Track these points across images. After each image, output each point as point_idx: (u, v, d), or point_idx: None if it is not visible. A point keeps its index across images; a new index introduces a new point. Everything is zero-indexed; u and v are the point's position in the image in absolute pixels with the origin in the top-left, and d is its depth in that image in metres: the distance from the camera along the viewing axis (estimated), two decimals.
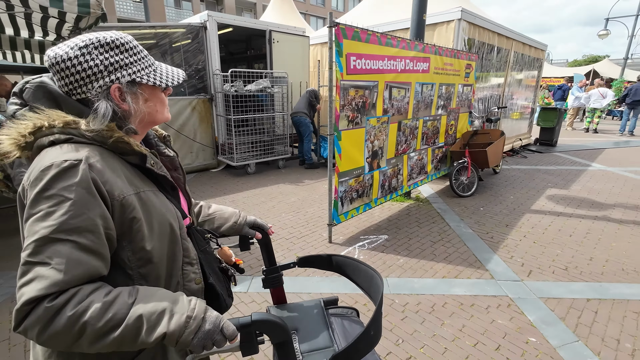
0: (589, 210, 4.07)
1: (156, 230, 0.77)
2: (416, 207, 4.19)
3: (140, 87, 0.79)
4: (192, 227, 0.94)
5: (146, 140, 0.94)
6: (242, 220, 1.13)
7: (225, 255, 1.17)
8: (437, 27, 5.06)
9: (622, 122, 11.02)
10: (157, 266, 0.78)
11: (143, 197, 0.76)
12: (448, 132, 4.85)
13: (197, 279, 0.87)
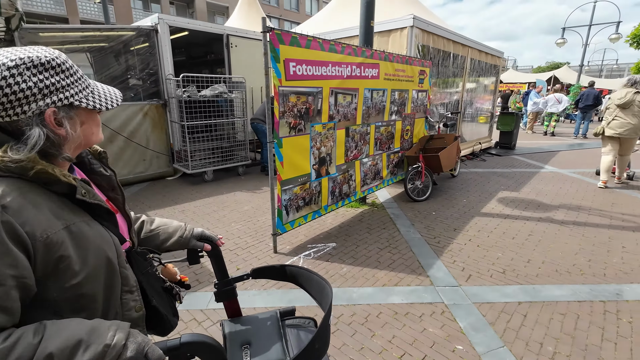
0: (534, 212, 4.21)
1: (90, 264, 0.71)
2: (370, 212, 4.18)
3: (78, 111, 0.74)
4: (132, 251, 0.89)
5: (78, 159, 0.86)
6: (189, 233, 1.08)
7: (170, 274, 1.13)
8: (392, 33, 5.12)
9: (576, 126, 11.65)
10: (91, 301, 0.73)
11: (74, 231, 0.70)
12: (404, 137, 4.90)
13: (138, 306, 0.84)
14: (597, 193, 5.02)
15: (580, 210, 4.25)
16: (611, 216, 4.07)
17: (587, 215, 4.10)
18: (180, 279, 1.16)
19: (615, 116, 5.11)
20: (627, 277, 2.74)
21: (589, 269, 2.86)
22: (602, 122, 5.32)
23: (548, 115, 11.91)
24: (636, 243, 3.34)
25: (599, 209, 4.31)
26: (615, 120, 5.12)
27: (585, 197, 4.79)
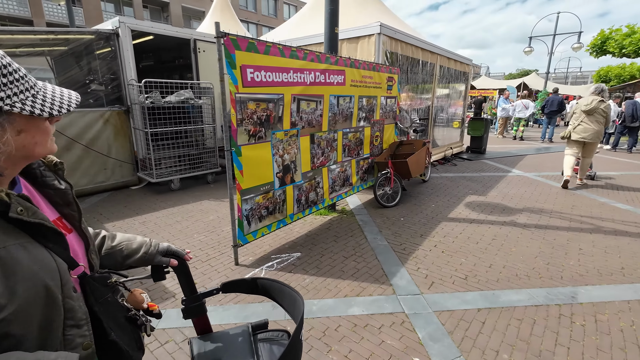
0: (499, 215, 4.29)
1: (20, 296, 0.60)
2: (339, 220, 4.13)
3: (10, 117, 0.63)
4: (87, 277, 0.77)
5: (28, 170, 0.75)
6: (154, 249, 1.01)
7: (136, 301, 0.99)
8: (360, 40, 5.15)
9: (542, 130, 12.15)
10: (21, 340, 0.61)
11: (3, 257, 0.60)
12: (373, 143, 4.91)
13: (86, 343, 0.72)
14: (558, 196, 5.19)
15: (542, 213, 4.37)
16: (570, 218, 4.20)
17: (549, 218, 4.22)
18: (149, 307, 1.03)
19: (581, 121, 5.43)
20: (583, 279, 2.81)
21: (547, 272, 2.91)
22: (569, 127, 5.63)
23: (516, 120, 12.37)
24: (592, 245, 3.44)
25: (560, 212, 4.44)
26: (580, 125, 5.44)
27: (548, 200, 4.95)
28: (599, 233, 3.75)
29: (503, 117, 12.73)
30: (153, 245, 1.02)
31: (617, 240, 3.57)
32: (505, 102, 12.42)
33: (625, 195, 5.27)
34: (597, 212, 4.46)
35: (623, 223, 4.07)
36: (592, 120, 5.36)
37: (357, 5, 6.63)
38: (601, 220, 4.14)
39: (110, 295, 0.84)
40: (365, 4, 6.84)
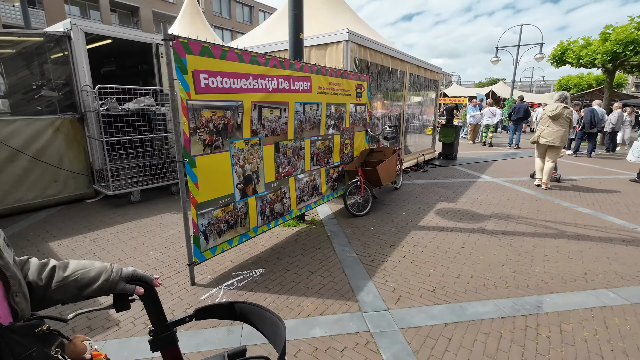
0: (468, 222, 4.29)
1: None
2: (307, 231, 3.98)
3: None
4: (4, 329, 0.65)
5: None
6: (116, 275, 0.90)
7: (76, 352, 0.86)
8: (328, 47, 5.08)
9: (509, 136, 12.60)
10: None
11: None
12: (343, 151, 4.82)
13: None
14: (525, 201, 5.30)
15: (509, 219, 4.41)
16: (536, 224, 4.26)
17: (515, 224, 4.26)
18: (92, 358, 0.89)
19: (547, 126, 5.89)
20: (547, 286, 2.79)
21: (513, 280, 2.88)
22: (537, 132, 6.08)
23: (485, 127, 12.77)
24: (556, 250, 3.48)
25: (526, 217, 4.51)
26: (547, 129, 5.89)
27: (515, 206, 5.03)
28: (563, 238, 3.81)
29: (472, 124, 13.11)
30: (115, 272, 0.90)
31: (580, 245, 3.63)
32: (474, 109, 12.81)
33: (586, 199, 5.45)
34: (560, 216, 4.56)
35: (585, 227, 4.17)
36: (558, 124, 5.80)
37: (329, 12, 6.61)
38: (565, 225, 4.23)
39: (36, 349, 0.69)
40: (336, 12, 6.82)
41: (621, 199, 5.49)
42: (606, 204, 5.18)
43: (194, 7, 10.82)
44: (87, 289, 0.87)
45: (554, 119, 5.80)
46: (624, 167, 8.36)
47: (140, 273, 0.96)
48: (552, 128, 5.83)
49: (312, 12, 6.47)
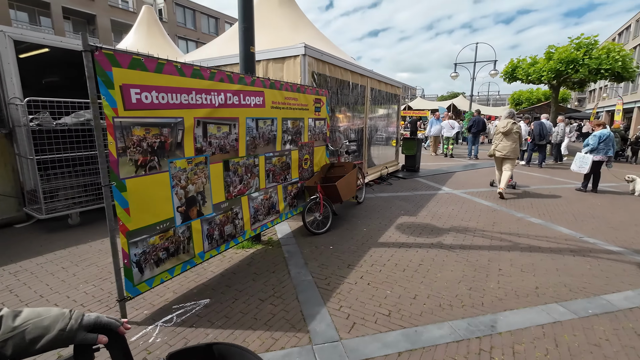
0: (427, 237, 4.27)
1: None
2: (263, 253, 3.76)
3: None
4: None
5: None
6: (75, 323, 0.79)
7: None
8: (286, 61, 4.99)
9: (468, 148, 13.16)
10: None
11: None
12: (302, 166, 4.68)
13: None
14: (482, 213, 5.42)
15: (467, 232, 4.46)
16: (492, 236, 4.33)
17: (473, 237, 4.30)
18: None
19: (501, 141, 6.53)
20: (502, 303, 2.77)
21: (469, 298, 2.84)
22: (492, 146, 6.70)
23: (445, 139, 13.26)
24: (510, 264, 3.51)
25: (482, 230, 4.58)
26: (501, 143, 6.53)
27: (472, 218, 5.12)
28: (516, 250, 3.88)
29: (433, 136, 13.56)
30: (74, 319, 0.79)
31: (532, 257, 3.70)
32: (436, 122, 13.28)
33: (538, 209, 5.69)
34: (514, 228, 4.69)
35: (537, 238, 4.29)
36: (510, 139, 6.46)
37: (290, 28, 6.57)
38: (518, 237, 4.33)
39: None
40: (297, 27, 6.81)
41: (568, 208, 5.78)
42: (555, 214, 5.42)
43: (151, 16, 10.43)
44: (39, 341, 0.75)
45: (506, 135, 6.45)
46: (571, 177, 8.93)
47: (104, 320, 0.84)
48: (505, 142, 6.48)
49: (272, 26, 6.40)
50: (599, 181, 7.17)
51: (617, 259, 3.71)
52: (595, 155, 6.87)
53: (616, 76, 13.16)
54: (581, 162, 7.07)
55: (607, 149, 6.80)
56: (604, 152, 6.81)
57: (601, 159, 6.86)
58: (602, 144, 6.81)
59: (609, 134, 6.82)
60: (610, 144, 6.80)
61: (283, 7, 7.00)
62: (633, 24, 35.93)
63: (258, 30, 6.55)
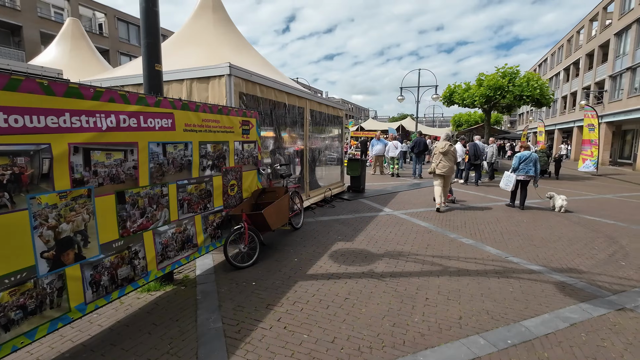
0: (359, 265, 4.09)
1: None
2: (171, 296, 3.28)
3: None
4: None
5: None
6: None
7: None
8: (210, 81, 4.69)
9: (413, 167, 13.65)
10: None
11: None
12: (228, 193, 4.32)
13: None
14: (417, 235, 5.41)
15: (400, 258, 4.36)
16: (423, 260, 4.27)
17: (405, 262, 4.20)
18: None
19: (440, 160, 7.19)
20: (424, 340, 2.60)
21: (391, 337, 2.63)
22: (432, 165, 7.34)
23: (391, 159, 13.66)
24: (438, 291, 3.41)
25: (415, 254, 4.52)
26: (440, 163, 7.18)
27: (407, 241, 5.07)
28: (445, 275, 3.82)
29: (375, 156, 13.88)
30: None
31: (459, 282, 3.65)
32: (377, 142, 13.62)
33: (470, 228, 5.84)
34: (446, 250, 4.69)
35: (466, 260, 4.31)
36: (447, 159, 7.19)
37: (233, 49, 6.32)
38: (449, 260, 4.31)
39: None
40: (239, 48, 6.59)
41: (497, 227, 6.01)
42: (485, 233, 5.59)
43: (77, 29, 9.60)
44: None
45: (444, 155, 7.18)
46: (502, 194, 9.51)
47: None
48: (444, 162, 7.17)
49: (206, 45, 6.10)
50: (526, 198, 7.65)
51: (537, 278, 3.79)
52: (518, 174, 7.39)
53: (536, 102, 14.69)
54: (507, 181, 7.62)
55: (528, 168, 7.28)
56: (525, 172, 7.31)
57: (523, 178, 7.36)
58: (523, 164, 7.34)
59: (529, 155, 7.34)
60: (531, 164, 7.29)
61: (218, 27, 6.76)
62: (549, 58, 41.26)
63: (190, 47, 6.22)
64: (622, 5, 23.65)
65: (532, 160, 7.31)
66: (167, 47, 6.62)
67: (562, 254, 4.63)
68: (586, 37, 30.05)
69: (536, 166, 7.32)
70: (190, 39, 6.53)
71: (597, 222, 6.49)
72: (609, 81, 24.84)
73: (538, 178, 7.44)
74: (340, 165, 9.51)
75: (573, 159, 29.27)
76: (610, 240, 5.32)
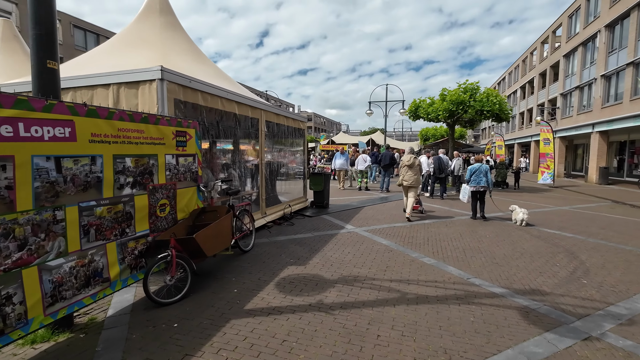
0: (308, 295, 3.59)
1: None
2: (62, 349, 2.61)
3: None
4: None
5: None
6: None
7: None
8: (140, 86, 4.12)
9: (381, 181, 13.49)
10: None
11: None
12: (157, 214, 3.72)
13: None
14: (377, 255, 5.02)
15: (355, 283, 3.92)
16: (380, 286, 3.85)
17: (359, 289, 3.76)
18: None
19: (407, 172, 7.62)
20: None
21: None
22: (400, 177, 7.81)
23: (359, 172, 13.43)
24: (392, 326, 2.99)
25: (372, 277, 4.10)
26: (406, 175, 7.61)
27: (366, 263, 4.65)
28: (402, 304, 3.41)
29: (339, 170, 13.56)
30: None
31: (417, 312, 3.25)
32: (340, 156, 13.34)
33: (433, 246, 5.54)
34: (406, 272, 4.32)
35: (426, 284, 3.94)
36: (414, 171, 7.60)
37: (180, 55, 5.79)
38: (407, 284, 3.93)
39: None
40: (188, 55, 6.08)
41: (460, 243, 5.77)
42: (448, 251, 5.31)
43: (9, 31, 8.65)
44: None
45: (410, 167, 7.60)
46: (466, 207, 9.46)
47: None
48: (410, 174, 7.59)
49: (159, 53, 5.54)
50: (484, 208, 7.91)
51: (499, 303, 3.48)
52: (470, 185, 7.80)
53: (496, 117, 15.18)
54: (463, 192, 8.10)
55: (479, 179, 7.66)
56: (476, 183, 7.68)
57: (474, 189, 7.73)
58: (474, 175, 7.73)
59: (479, 167, 7.74)
60: (481, 175, 7.67)
61: (164, 31, 6.22)
62: (507, 77, 43.92)
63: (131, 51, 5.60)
64: (569, 29, 25.63)
65: (482, 171, 7.70)
66: (105, 50, 5.99)
67: (524, 273, 4.40)
68: (539, 58, 32.25)
69: (487, 177, 7.69)
70: (131, 43, 5.92)
71: (557, 236, 6.44)
72: (560, 99, 26.58)
73: (490, 188, 7.79)
74: (303, 179, 9.08)
75: (532, 171, 30.79)
76: (570, 255, 5.21)
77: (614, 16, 18.91)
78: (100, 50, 6.12)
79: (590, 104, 21.85)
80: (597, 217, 8.70)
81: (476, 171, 7.69)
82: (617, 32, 19.18)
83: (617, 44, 19.07)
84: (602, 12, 20.32)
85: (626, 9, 17.81)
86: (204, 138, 5.33)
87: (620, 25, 18.90)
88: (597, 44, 21.09)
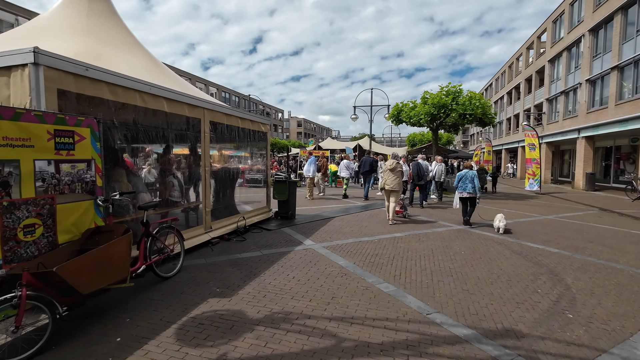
0: (214, 344, 2.72)
1: None
2: None
3: None
4: None
5: None
6: None
7: None
8: (12, 72, 3.23)
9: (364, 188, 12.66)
10: None
11: None
12: (20, 238, 2.83)
13: None
14: (327, 280, 4.18)
15: (282, 324, 3.06)
16: (313, 328, 3.00)
17: (284, 334, 2.90)
18: None
19: (389, 176, 7.76)
20: None
21: None
22: (382, 181, 8.04)
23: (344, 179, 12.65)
24: None
25: (308, 315, 3.25)
26: (389, 179, 7.75)
27: (309, 292, 3.81)
28: (333, 359, 2.57)
29: (309, 177, 12.49)
30: None
31: None
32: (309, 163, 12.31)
33: (396, 266, 4.74)
34: (353, 306, 3.48)
35: (373, 324, 3.11)
36: (396, 175, 7.76)
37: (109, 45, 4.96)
38: (350, 325, 3.09)
39: None
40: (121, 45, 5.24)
41: (429, 262, 4.98)
42: (413, 273, 4.51)
43: None
44: None
45: (392, 171, 7.75)
46: (445, 217, 8.72)
47: None
48: (392, 178, 7.72)
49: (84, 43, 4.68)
50: (471, 215, 7.81)
51: (462, 354, 2.66)
52: (458, 192, 7.79)
53: (479, 121, 14.60)
54: (455, 200, 8.00)
55: (465, 186, 7.61)
56: (463, 189, 7.66)
57: (462, 195, 7.69)
58: (460, 182, 7.70)
59: (465, 173, 7.65)
60: (467, 181, 7.57)
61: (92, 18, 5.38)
62: (494, 83, 43.99)
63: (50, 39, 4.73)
64: (553, 34, 25.50)
65: (469, 178, 7.56)
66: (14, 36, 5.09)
67: (498, 304, 3.61)
68: (525, 63, 32.18)
69: (473, 183, 7.47)
70: (47, 28, 5.06)
71: (540, 252, 5.70)
72: (546, 104, 26.35)
73: (479, 194, 7.59)
74: (265, 187, 8.22)
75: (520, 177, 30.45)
76: (554, 278, 4.45)
77: (598, 20, 18.70)
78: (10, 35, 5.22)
79: (575, 109, 21.56)
80: (584, 228, 8.04)
81: (462, 177, 7.66)
82: (601, 36, 18.95)
83: (602, 48, 18.82)
84: (586, 16, 20.12)
85: (609, 12, 17.57)
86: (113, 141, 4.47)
87: (604, 29, 18.68)
88: (581, 49, 20.87)
